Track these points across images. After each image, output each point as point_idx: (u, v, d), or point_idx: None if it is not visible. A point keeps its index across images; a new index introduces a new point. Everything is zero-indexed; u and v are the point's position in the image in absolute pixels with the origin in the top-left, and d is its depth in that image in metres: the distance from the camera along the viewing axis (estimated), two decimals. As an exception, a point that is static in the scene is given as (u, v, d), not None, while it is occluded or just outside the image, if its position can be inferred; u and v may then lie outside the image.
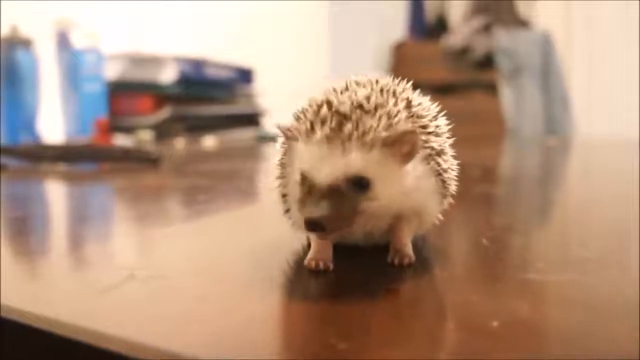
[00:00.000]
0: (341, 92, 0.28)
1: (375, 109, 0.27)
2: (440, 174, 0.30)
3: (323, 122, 0.26)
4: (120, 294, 0.25)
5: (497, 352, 0.19)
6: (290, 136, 0.28)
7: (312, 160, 0.26)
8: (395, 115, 0.27)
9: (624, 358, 0.19)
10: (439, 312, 0.24)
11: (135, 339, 0.20)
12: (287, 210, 0.31)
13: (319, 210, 0.24)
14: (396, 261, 0.28)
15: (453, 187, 0.32)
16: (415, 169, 0.28)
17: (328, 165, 0.25)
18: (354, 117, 0.26)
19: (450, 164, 0.31)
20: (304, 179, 0.26)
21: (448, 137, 0.31)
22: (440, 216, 0.32)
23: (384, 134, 0.26)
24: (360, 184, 0.26)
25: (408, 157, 0.27)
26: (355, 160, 0.26)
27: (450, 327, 0.21)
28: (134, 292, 0.25)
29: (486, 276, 0.29)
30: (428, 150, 0.29)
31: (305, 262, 0.28)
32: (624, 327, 0.21)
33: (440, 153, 0.30)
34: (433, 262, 0.31)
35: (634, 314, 0.23)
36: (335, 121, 0.26)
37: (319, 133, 0.26)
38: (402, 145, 0.27)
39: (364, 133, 0.26)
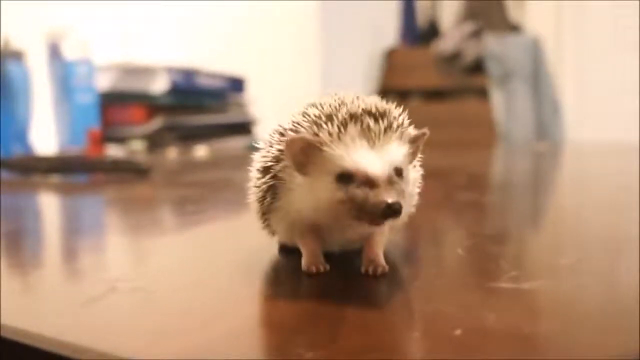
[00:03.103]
0: (338, 102, 0.29)
1: (386, 112, 0.29)
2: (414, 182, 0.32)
3: (353, 119, 0.28)
4: (102, 306, 0.26)
5: None
6: (314, 140, 0.28)
7: (359, 156, 0.27)
8: (402, 120, 0.29)
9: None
10: (407, 321, 0.25)
11: (113, 352, 0.20)
12: (264, 214, 0.32)
13: (394, 196, 0.26)
14: (370, 271, 0.29)
15: (416, 197, 0.33)
16: (411, 172, 0.30)
17: (380, 158, 0.27)
18: (382, 116, 0.28)
19: (418, 173, 0.32)
20: (349, 175, 0.27)
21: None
22: (405, 219, 0.33)
23: (410, 131, 0.29)
24: (399, 173, 0.27)
25: (412, 157, 0.30)
26: (397, 151, 0.28)
27: (416, 336, 0.22)
28: (116, 305, 0.26)
29: (458, 285, 0.29)
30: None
31: (304, 268, 0.30)
32: (591, 334, 0.22)
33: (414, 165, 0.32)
34: (407, 271, 0.32)
35: (601, 321, 0.23)
36: (366, 119, 0.28)
37: (352, 130, 0.27)
38: (415, 144, 0.29)
39: (393, 129, 0.28)
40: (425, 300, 0.27)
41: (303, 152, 0.28)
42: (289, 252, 0.33)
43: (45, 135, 1.11)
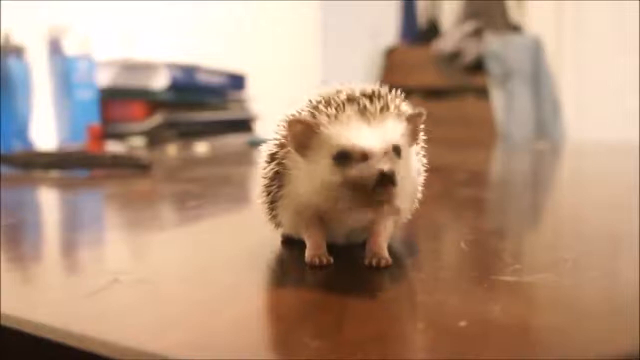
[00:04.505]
0: (337, 90, 0.30)
1: (382, 95, 0.29)
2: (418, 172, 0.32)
3: (350, 102, 0.28)
4: (106, 298, 0.26)
5: (464, 351, 0.20)
6: (312, 122, 0.28)
7: (355, 133, 0.27)
8: (399, 102, 0.29)
9: (590, 358, 0.20)
10: (410, 313, 0.25)
11: (118, 342, 0.20)
12: (272, 203, 0.32)
13: (389, 164, 0.26)
14: (374, 263, 0.29)
15: (420, 192, 0.33)
16: (413, 156, 0.30)
17: (376, 134, 0.27)
18: (378, 97, 0.28)
19: (423, 165, 0.33)
20: (346, 153, 0.27)
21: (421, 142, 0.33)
22: (409, 216, 0.33)
23: (407, 110, 0.29)
24: (397, 151, 0.27)
25: (413, 138, 0.30)
26: (394, 129, 0.28)
27: (420, 327, 0.22)
28: (119, 296, 0.26)
29: (461, 278, 0.30)
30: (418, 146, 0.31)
31: (307, 259, 0.30)
32: (592, 329, 0.22)
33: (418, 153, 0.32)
34: (410, 264, 0.32)
35: (602, 317, 0.23)
36: (363, 101, 0.28)
37: (349, 110, 0.28)
38: (413, 124, 0.29)
39: (389, 108, 0.28)
40: (429, 292, 0.27)
41: (303, 134, 0.28)
42: (292, 244, 0.33)
43: (45, 131, 1.11)
